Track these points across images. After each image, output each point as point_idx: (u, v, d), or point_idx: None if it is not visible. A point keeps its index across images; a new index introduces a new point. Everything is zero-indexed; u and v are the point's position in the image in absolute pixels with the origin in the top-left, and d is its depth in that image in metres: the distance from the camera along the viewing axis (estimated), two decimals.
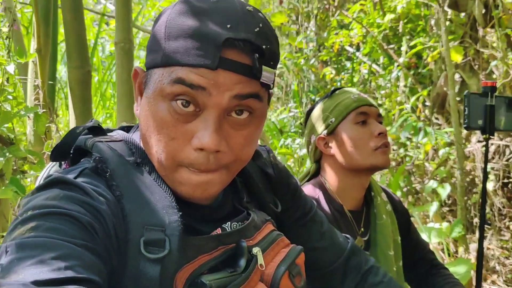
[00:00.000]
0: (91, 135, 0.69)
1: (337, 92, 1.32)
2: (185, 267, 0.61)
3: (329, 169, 1.31)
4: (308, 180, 1.36)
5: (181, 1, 0.63)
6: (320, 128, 1.30)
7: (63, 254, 0.49)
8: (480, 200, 1.55)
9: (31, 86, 1.99)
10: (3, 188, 1.47)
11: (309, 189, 1.28)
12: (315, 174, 1.36)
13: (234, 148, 0.64)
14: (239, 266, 0.65)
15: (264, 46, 0.61)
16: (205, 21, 0.60)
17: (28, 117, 1.62)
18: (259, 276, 0.68)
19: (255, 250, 0.68)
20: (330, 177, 1.30)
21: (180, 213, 0.62)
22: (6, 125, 1.52)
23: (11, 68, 1.58)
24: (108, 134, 0.71)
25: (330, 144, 1.28)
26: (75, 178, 0.60)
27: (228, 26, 0.59)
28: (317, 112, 1.32)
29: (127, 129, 0.75)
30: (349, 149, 1.24)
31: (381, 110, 3.87)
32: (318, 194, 1.26)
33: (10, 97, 1.64)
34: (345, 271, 0.90)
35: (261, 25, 0.62)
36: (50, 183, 0.58)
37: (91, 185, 0.59)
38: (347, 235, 0.96)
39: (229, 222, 0.70)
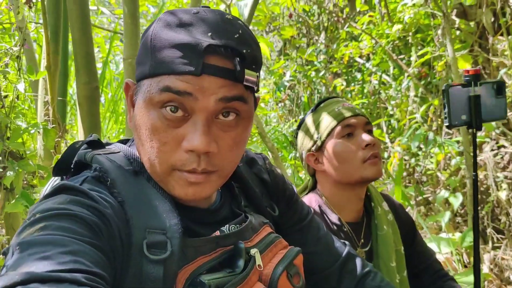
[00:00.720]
0: (90, 149, 0.72)
1: (321, 105, 1.31)
2: (185, 267, 0.64)
3: (323, 183, 1.30)
4: (306, 194, 1.36)
5: (164, 15, 0.67)
6: (309, 145, 1.29)
7: (72, 250, 0.51)
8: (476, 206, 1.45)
9: (41, 102, 2.05)
10: (13, 201, 1.52)
11: (308, 200, 1.28)
12: (313, 187, 1.36)
13: (224, 149, 0.66)
14: (238, 266, 0.68)
15: (244, 51, 0.64)
16: (187, 31, 0.63)
17: (38, 132, 1.66)
18: (257, 276, 0.70)
19: (253, 251, 0.71)
20: (325, 190, 1.30)
21: (179, 216, 0.65)
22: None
23: (21, 86, 1.64)
24: (106, 147, 0.74)
25: (320, 160, 1.28)
26: (80, 185, 0.63)
27: (209, 34, 0.63)
28: (305, 127, 1.32)
29: (125, 142, 0.79)
30: (338, 164, 1.23)
31: (391, 121, 3.87)
32: (315, 208, 1.26)
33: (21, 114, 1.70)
34: (341, 276, 0.91)
35: (240, 31, 0.65)
36: (57, 190, 0.62)
37: (94, 191, 0.62)
38: (345, 241, 0.97)
39: (227, 225, 0.73)
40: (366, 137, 1.22)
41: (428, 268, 1.37)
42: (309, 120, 1.31)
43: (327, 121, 1.26)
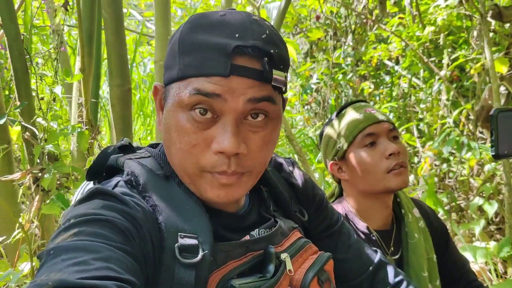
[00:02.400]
0: (121, 154, 0.73)
1: (343, 111, 1.26)
2: (215, 272, 0.63)
3: (348, 191, 1.27)
4: (333, 202, 1.33)
5: (191, 18, 0.67)
6: (331, 154, 1.26)
7: (104, 256, 0.52)
8: None
9: (75, 104, 2.08)
10: (48, 202, 1.53)
11: (337, 207, 1.25)
12: (340, 194, 1.33)
13: (253, 150, 0.66)
14: (268, 271, 0.67)
15: (272, 51, 0.64)
16: (215, 34, 0.63)
17: (73, 134, 1.68)
18: (288, 282, 0.69)
19: (283, 256, 0.70)
20: (351, 199, 1.27)
21: (210, 221, 0.65)
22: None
23: (58, 89, 1.66)
24: (137, 151, 0.75)
25: (343, 169, 1.24)
26: (112, 189, 0.64)
27: (237, 35, 0.63)
28: (327, 135, 1.28)
29: (155, 146, 0.79)
30: (361, 174, 1.19)
31: (421, 125, 3.78)
32: (344, 214, 1.23)
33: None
34: (372, 284, 0.89)
35: (267, 31, 0.65)
36: (91, 195, 0.62)
37: (127, 195, 0.63)
38: (376, 249, 0.95)
39: (257, 229, 0.73)
40: (389, 145, 1.17)
41: (462, 277, 1.32)
42: (331, 127, 1.27)
43: (348, 130, 1.21)
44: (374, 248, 0.95)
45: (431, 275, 1.23)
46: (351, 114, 1.23)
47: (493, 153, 1.16)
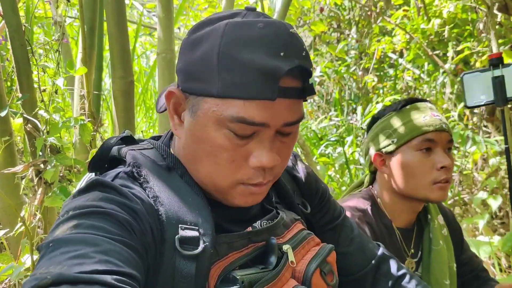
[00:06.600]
0: (124, 145, 0.73)
1: (408, 107, 1.21)
2: (217, 263, 0.64)
3: (382, 186, 1.24)
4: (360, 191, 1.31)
5: (228, 30, 0.63)
6: (380, 144, 1.21)
7: (103, 249, 0.52)
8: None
9: (77, 96, 2.06)
10: (50, 195, 1.52)
11: (358, 200, 1.23)
12: (369, 185, 1.31)
13: (283, 159, 0.68)
14: (270, 262, 0.68)
15: (311, 68, 0.65)
16: (259, 51, 0.61)
17: (75, 126, 1.67)
18: (290, 273, 0.70)
19: (285, 247, 0.71)
20: (381, 193, 1.24)
21: (212, 213, 0.65)
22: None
23: (60, 81, 1.64)
24: (140, 143, 0.75)
25: (387, 163, 1.21)
26: (112, 181, 0.64)
27: (282, 54, 0.61)
28: (382, 123, 1.23)
29: (157, 138, 0.79)
30: (405, 176, 1.16)
31: None
32: (367, 206, 1.20)
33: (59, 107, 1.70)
34: (375, 278, 0.89)
35: (304, 46, 0.65)
36: (90, 186, 0.62)
37: (126, 187, 0.63)
38: (378, 242, 0.95)
39: (259, 221, 0.73)
40: (444, 158, 1.14)
41: (476, 277, 1.33)
42: (390, 117, 1.22)
43: (409, 128, 1.17)
44: (376, 242, 0.95)
45: (451, 286, 1.22)
46: (417, 113, 1.19)
47: (465, 105, 1.36)
